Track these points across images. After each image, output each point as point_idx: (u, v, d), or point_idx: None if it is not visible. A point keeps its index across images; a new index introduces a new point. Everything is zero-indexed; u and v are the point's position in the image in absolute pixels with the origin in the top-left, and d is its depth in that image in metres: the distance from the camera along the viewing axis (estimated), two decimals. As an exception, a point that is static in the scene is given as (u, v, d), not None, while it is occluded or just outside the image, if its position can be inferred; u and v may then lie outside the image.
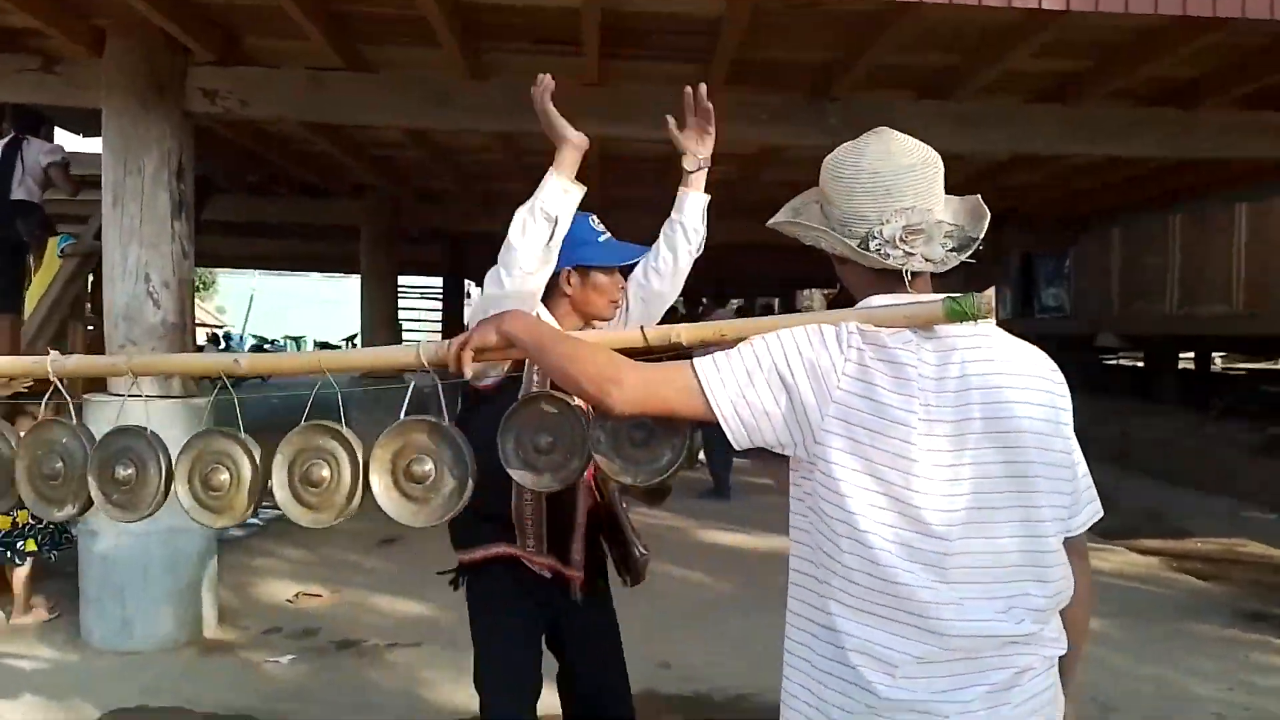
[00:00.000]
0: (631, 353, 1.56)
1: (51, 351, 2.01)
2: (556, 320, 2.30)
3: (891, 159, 1.44)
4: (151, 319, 4.39)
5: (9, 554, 4.64)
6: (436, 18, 3.86)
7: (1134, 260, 11.33)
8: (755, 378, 1.40)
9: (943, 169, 1.46)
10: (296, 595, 5.19)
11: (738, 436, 1.42)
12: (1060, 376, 1.49)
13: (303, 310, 31.29)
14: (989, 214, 1.48)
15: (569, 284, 2.33)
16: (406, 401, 1.87)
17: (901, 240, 1.41)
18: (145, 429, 1.87)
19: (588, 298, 2.36)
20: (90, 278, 6.17)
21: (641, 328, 1.67)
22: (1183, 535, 7.29)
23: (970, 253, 1.43)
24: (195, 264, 7.45)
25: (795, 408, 1.38)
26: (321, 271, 17.64)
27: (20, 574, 4.69)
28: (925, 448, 1.34)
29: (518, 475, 1.76)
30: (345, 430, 1.82)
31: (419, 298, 18.63)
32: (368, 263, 9.15)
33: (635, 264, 2.43)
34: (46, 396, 1.95)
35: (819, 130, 4.70)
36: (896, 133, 1.48)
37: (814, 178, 1.50)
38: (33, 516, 4.72)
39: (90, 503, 1.89)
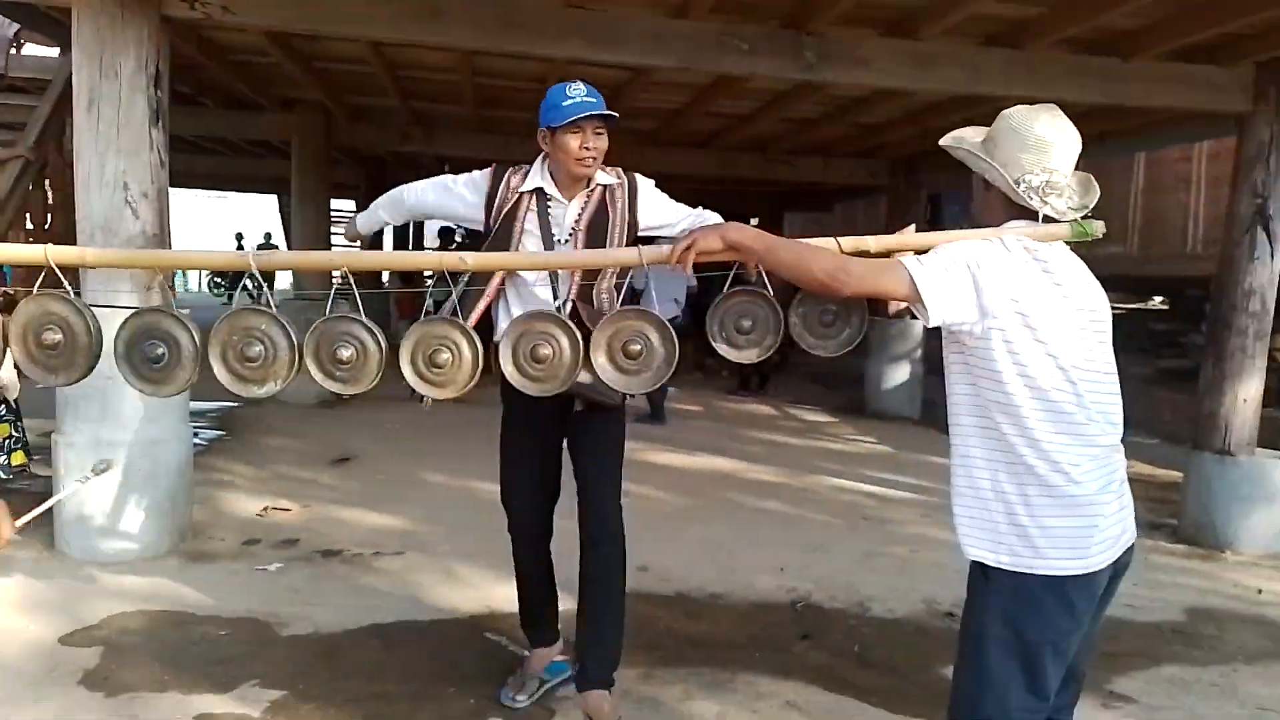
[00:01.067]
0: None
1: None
2: (559, 177, 2.78)
3: (1056, 131, 1.96)
4: (131, 229, 4.30)
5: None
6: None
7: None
8: (951, 270, 1.86)
9: (1080, 148, 1.98)
10: (265, 509, 5.24)
11: (933, 311, 1.86)
12: None
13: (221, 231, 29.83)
14: (1098, 189, 2.04)
15: (545, 143, 2.75)
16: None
17: (1043, 190, 1.94)
18: (359, 316, 2.26)
19: (558, 156, 2.72)
20: (29, 186, 5.90)
21: (836, 239, 2.13)
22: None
23: (1082, 214, 2.02)
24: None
25: (980, 291, 1.83)
26: (241, 191, 16.84)
27: (-15, 487, 4.62)
28: (1066, 317, 1.90)
29: (722, 350, 2.27)
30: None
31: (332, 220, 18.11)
32: (299, 181, 8.92)
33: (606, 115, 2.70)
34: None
35: (795, 64, 4.89)
36: (1062, 113, 1.99)
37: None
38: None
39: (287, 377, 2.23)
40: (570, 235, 2.80)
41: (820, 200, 14.34)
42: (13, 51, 6.80)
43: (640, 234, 2.87)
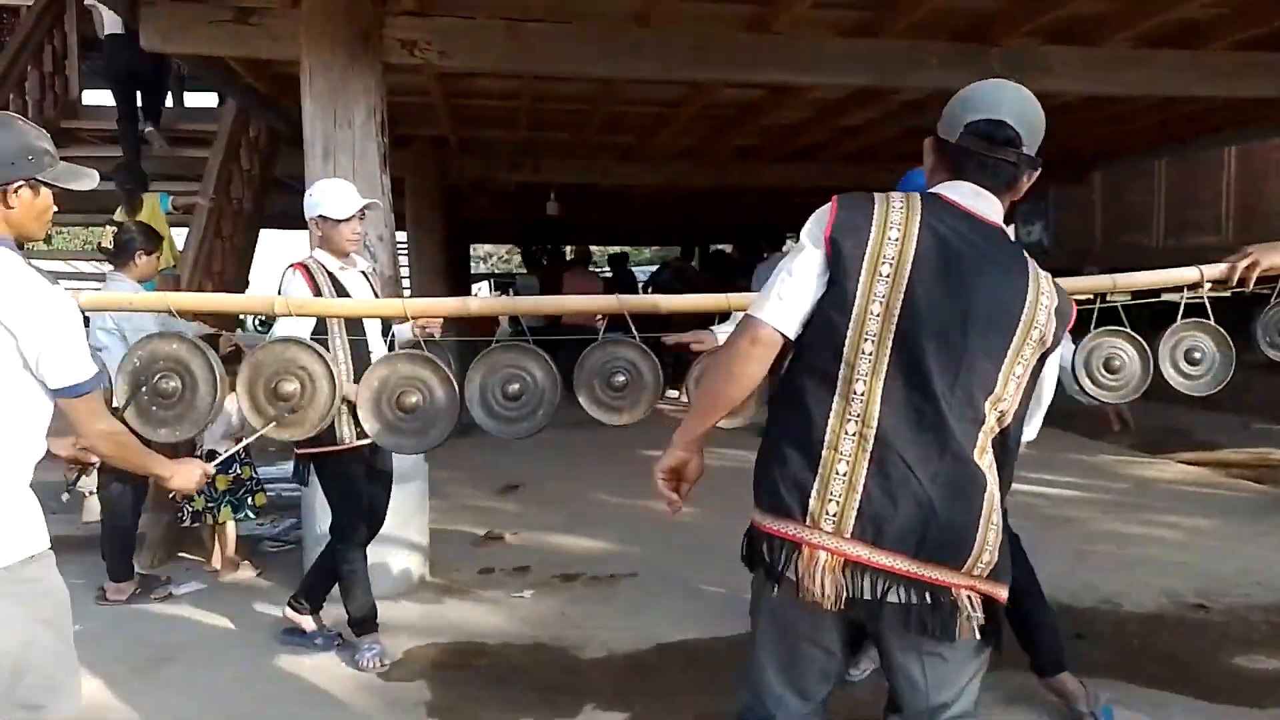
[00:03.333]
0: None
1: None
2: None
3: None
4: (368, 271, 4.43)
5: (216, 511, 4.66)
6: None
7: (1118, 197, 12.10)
8: None
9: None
10: (483, 539, 5.34)
11: None
12: None
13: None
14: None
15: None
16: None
17: None
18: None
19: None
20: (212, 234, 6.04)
21: None
22: (1213, 448, 8.03)
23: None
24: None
25: None
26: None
27: (230, 531, 4.73)
28: None
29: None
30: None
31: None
32: (413, 213, 9.07)
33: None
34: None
35: (985, 75, 4.98)
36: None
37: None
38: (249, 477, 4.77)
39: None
40: None
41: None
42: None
43: None
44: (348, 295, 3.39)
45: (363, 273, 3.62)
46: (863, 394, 1.74)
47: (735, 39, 4.85)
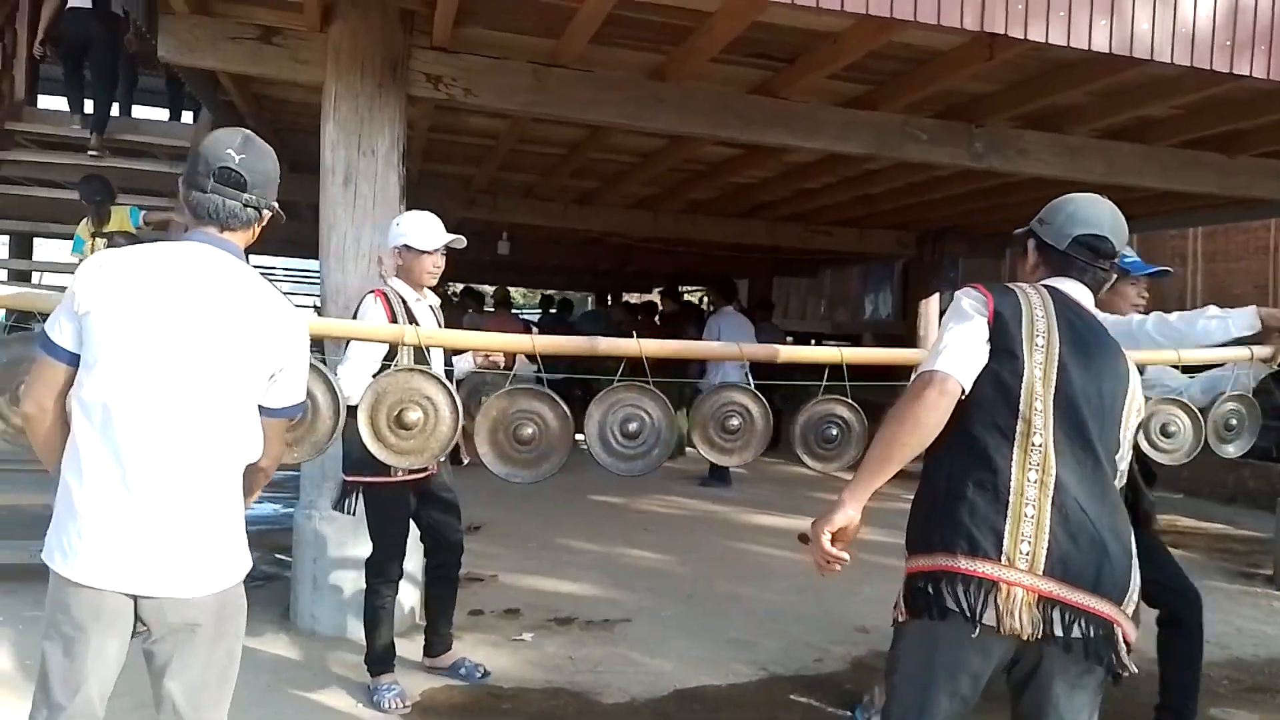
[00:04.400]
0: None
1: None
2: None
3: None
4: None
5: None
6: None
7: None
8: None
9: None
10: (463, 578, 5.22)
11: None
12: None
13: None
14: None
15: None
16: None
17: None
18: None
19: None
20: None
21: None
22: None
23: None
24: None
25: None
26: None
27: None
28: None
29: None
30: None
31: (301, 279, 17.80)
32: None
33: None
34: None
35: (968, 153, 5.34)
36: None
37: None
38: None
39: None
40: None
41: (809, 266, 14.96)
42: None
43: None
44: (418, 325, 3.35)
45: (430, 306, 3.59)
46: (1040, 445, 1.97)
47: (746, 101, 5.03)
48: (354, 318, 3.40)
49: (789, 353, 3.16)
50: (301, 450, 2.42)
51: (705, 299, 17.82)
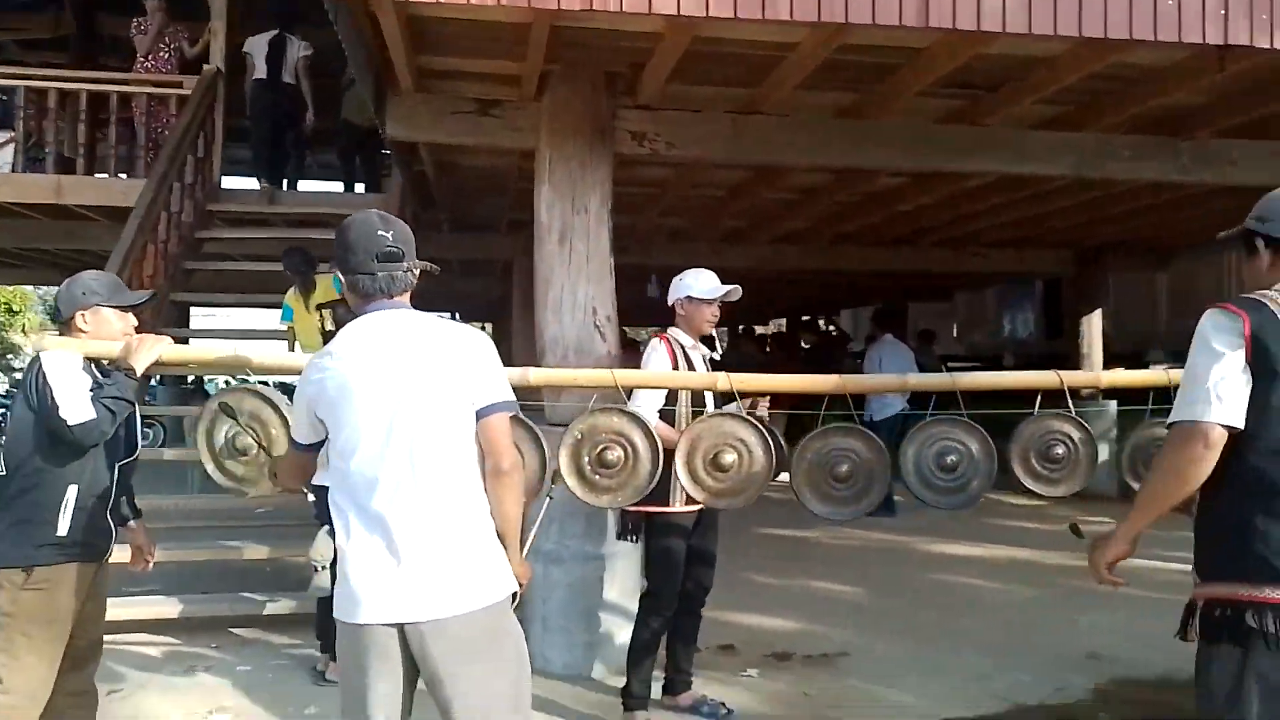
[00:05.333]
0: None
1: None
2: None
3: None
4: (599, 351, 4.54)
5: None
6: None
7: (1184, 285, 12.35)
8: None
9: None
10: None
11: None
12: None
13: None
14: None
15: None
16: None
17: None
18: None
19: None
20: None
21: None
22: None
23: None
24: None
25: None
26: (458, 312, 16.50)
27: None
28: None
29: None
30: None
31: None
32: (521, 298, 9.24)
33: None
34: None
35: (1174, 167, 5.24)
36: None
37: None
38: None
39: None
40: None
41: (943, 291, 14.76)
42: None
43: None
44: (694, 369, 3.52)
45: (704, 356, 3.76)
46: None
47: (947, 131, 5.08)
48: (644, 363, 3.68)
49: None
50: (624, 494, 2.58)
51: (833, 329, 17.68)
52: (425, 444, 2.17)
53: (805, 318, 17.81)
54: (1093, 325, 10.25)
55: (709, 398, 3.56)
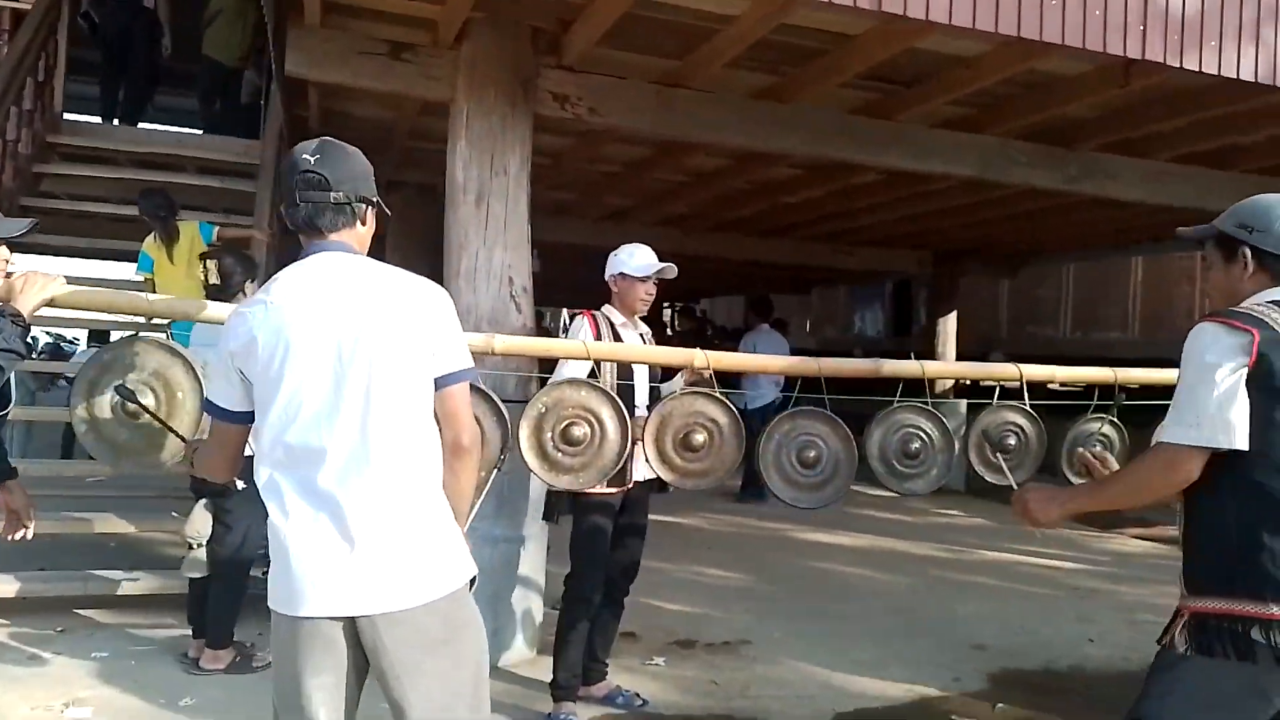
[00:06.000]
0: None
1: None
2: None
3: None
4: (515, 323, 4.29)
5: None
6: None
7: (1025, 292, 13.13)
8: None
9: None
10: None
11: None
12: None
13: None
14: None
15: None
16: None
17: None
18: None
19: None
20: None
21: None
22: (1147, 524, 8.76)
23: None
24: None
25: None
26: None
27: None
28: None
29: None
30: None
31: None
32: (397, 260, 8.75)
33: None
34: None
35: (1062, 176, 5.45)
36: None
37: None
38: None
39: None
40: None
41: (803, 284, 15.14)
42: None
43: None
44: None
45: (640, 334, 3.57)
46: None
47: (861, 123, 5.08)
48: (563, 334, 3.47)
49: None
50: (587, 475, 2.40)
51: (704, 314, 17.83)
52: (380, 411, 1.89)
53: (676, 304, 17.90)
54: (948, 325, 10.72)
55: (640, 375, 3.42)
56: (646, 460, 3.02)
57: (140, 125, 7.60)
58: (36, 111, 6.47)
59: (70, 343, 14.10)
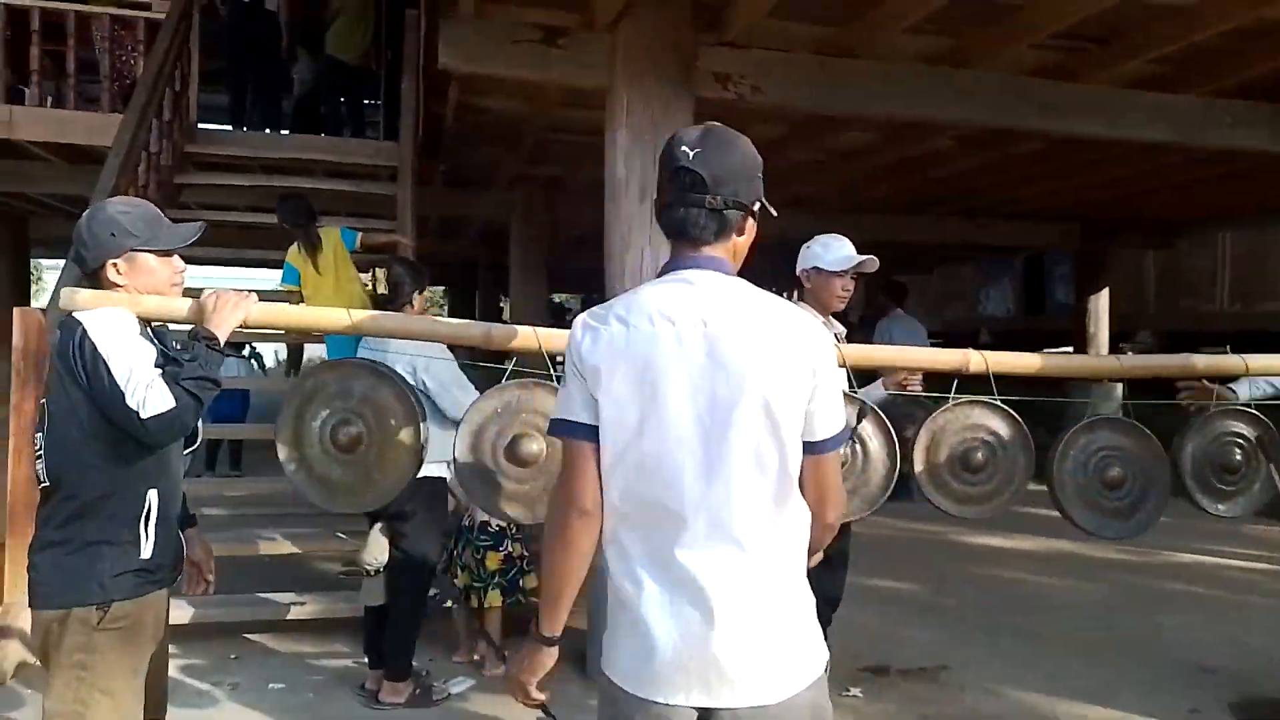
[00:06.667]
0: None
1: None
2: None
3: None
4: (687, 326, 3.98)
5: (484, 593, 4.10)
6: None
7: (1175, 263, 12.19)
8: None
9: None
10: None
11: None
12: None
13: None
14: None
15: None
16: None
17: None
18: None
19: None
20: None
21: None
22: None
23: None
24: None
25: None
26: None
27: (497, 619, 4.15)
28: None
29: None
30: None
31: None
32: (519, 257, 8.56)
33: None
34: None
35: (1272, 138, 4.85)
36: None
37: None
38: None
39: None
40: None
41: (923, 264, 14.50)
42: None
43: None
44: None
45: (835, 335, 3.20)
46: None
47: (1045, 88, 4.59)
48: None
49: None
50: (852, 504, 2.07)
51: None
52: (754, 476, 1.57)
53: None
54: (1099, 303, 9.98)
55: None
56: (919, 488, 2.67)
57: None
58: (174, 122, 6.44)
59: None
